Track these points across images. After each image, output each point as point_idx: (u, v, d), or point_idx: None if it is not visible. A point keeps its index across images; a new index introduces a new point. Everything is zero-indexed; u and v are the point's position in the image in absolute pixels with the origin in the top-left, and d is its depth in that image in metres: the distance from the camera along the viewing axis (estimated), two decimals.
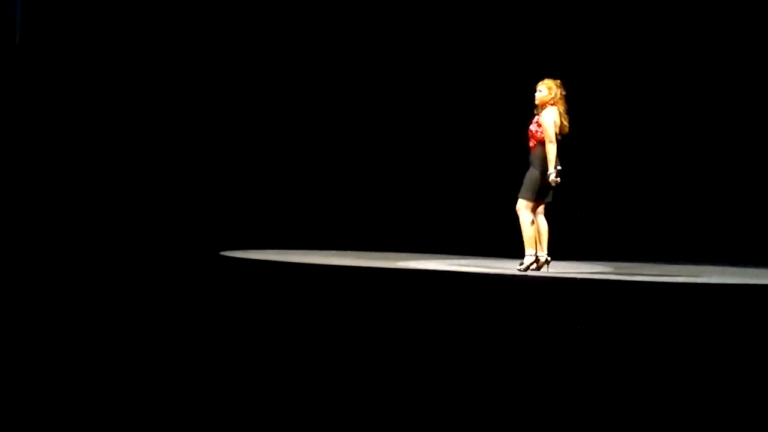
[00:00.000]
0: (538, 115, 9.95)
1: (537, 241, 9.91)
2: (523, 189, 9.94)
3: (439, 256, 12.02)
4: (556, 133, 9.88)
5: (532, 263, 9.85)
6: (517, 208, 9.98)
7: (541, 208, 10.05)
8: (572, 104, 10.21)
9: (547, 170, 9.79)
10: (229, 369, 5.05)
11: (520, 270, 9.83)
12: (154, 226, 13.39)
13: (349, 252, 12.01)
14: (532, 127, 9.96)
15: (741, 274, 10.76)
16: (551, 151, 9.79)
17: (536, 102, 9.98)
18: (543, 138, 9.84)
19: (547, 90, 9.94)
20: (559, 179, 9.83)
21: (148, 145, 14.14)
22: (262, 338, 5.96)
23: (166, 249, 12.03)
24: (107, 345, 5.56)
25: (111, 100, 14.19)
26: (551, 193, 10.00)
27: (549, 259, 9.88)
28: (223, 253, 11.25)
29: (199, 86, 14.26)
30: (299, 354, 5.49)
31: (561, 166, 9.90)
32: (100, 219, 13.48)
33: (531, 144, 9.98)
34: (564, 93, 10.00)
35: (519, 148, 10.58)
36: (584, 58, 13.52)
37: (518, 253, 10.62)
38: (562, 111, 9.94)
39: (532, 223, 9.89)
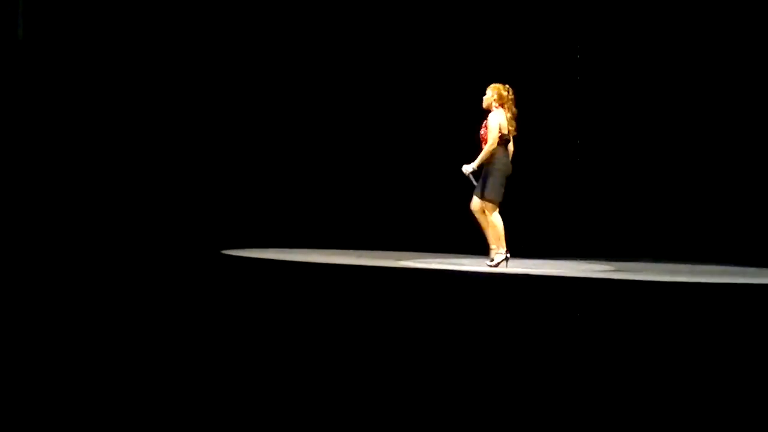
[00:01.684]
0: (486, 117, 10.27)
1: (495, 238, 10.22)
2: (488, 190, 10.22)
3: (440, 255, 12.03)
4: (503, 135, 10.21)
5: (504, 259, 10.15)
6: (473, 208, 10.33)
7: (488, 206, 10.31)
8: (571, 105, 10.25)
9: (500, 169, 10.16)
10: (231, 367, 5.06)
11: (490, 266, 10.12)
12: (155, 225, 13.40)
13: (350, 251, 12.01)
14: (483, 132, 10.27)
15: (741, 274, 10.76)
16: (486, 150, 10.12)
17: (483, 105, 10.31)
18: (487, 140, 10.18)
19: (493, 93, 10.28)
20: (470, 175, 10.19)
21: (150, 143, 14.14)
22: (263, 336, 5.97)
23: (168, 247, 12.03)
24: (109, 343, 5.58)
25: (113, 97, 14.19)
26: (503, 192, 10.28)
27: (508, 256, 10.20)
28: (224, 251, 11.26)
29: (201, 84, 14.26)
30: (300, 352, 5.50)
31: (512, 167, 10.31)
32: (102, 217, 13.49)
33: (483, 147, 10.26)
34: (512, 97, 10.32)
35: (518, 148, 10.63)
36: (593, 60, 13.54)
37: (519, 252, 10.65)
38: (509, 116, 10.27)
39: (489, 221, 10.23)
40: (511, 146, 10.45)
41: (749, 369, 5.33)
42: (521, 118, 10.62)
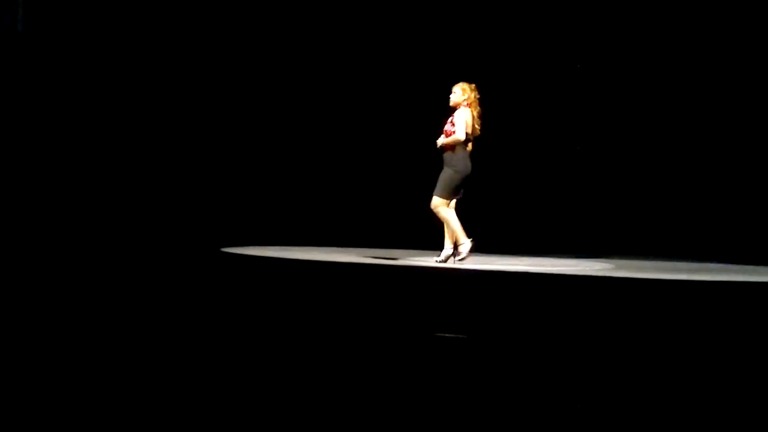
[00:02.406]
0: (452, 115, 10.39)
1: (451, 233, 10.35)
2: (440, 188, 10.34)
3: (439, 252, 12.03)
4: (467, 133, 10.31)
5: (450, 255, 10.32)
6: (433, 207, 10.38)
7: (452, 204, 10.43)
8: (572, 103, 10.26)
9: (458, 170, 10.28)
10: (231, 365, 5.06)
11: (438, 261, 10.32)
12: (155, 223, 13.40)
13: (350, 248, 12.02)
14: (447, 128, 10.36)
15: (740, 272, 10.76)
16: (450, 140, 10.24)
17: (450, 104, 10.41)
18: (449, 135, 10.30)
19: (461, 92, 10.40)
20: (439, 142, 10.29)
21: (150, 142, 14.15)
22: (263, 334, 5.97)
23: (168, 245, 12.04)
24: (109, 342, 5.58)
25: (113, 94, 14.19)
26: (462, 190, 10.41)
27: (456, 252, 10.34)
28: (224, 249, 11.27)
29: (201, 84, 14.27)
30: (300, 350, 5.50)
31: (471, 166, 10.36)
32: (101, 215, 13.49)
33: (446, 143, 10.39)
34: (478, 96, 10.46)
35: (515, 148, 10.64)
36: (594, 60, 13.55)
37: (519, 251, 10.66)
38: (475, 114, 10.39)
39: (442, 217, 10.35)
40: (469, 146, 10.52)
41: (749, 367, 5.34)
42: (519, 117, 10.66)
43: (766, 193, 13.07)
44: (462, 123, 10.26)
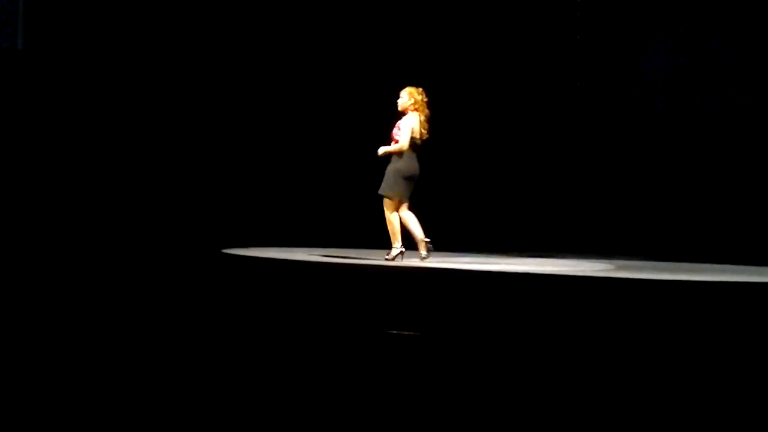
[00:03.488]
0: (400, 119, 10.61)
1: (392, 233, 10.59)
2: (384, 188, 10.56)
3: (439, 253, 12.05)
4: (414, 138, 10.47)
5: (398, 254, 10.53)
6: (384, 204, 10.62)
7: (405, 203, 10.68)
8: (571, 103, 10.26)
9: (403, 171, 10.49)
10: (230, 366, 5.07)
11: (387, 260, 10.49)
12: (156, 224, 13.41)
13: (351, 250, 12.02)
14: (394, 132, 10.55)
15: (741, 272, 10.77)
16: (395, 147, 10.44)
17: (399, 108, 10.59)
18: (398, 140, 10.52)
19: (407, 96, 10.57)
20: (380, 151, 10.49)
21: (151, 144, 14.16)
22: (263, 336, 5.98)
23: (169, 246, 12.05)
24: (109, 343, 5.59)
25: (113, 100, 14.22)
26: (403, 191, 10.64)
27: (403, 251, 10.61)
28: (225, 250, 11.27)
29: (201, 87, 14.28)
30: (300, 352, 5.51)
31: (419, 170, 10.58)
32: (103, 217, 13.51)
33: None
34: (426, 100, 10.62)
35: (518, 146, 10.64)
36: (594, 60, 13.55)
37: (519, 251, 10.66)
38: (423, 118, 10.54)
39: (386, 217, 10.61)
40: (417, 148, 10.69)
41: (749, 367, 5.34)
42: (519, 117, 10.64)
43: (766, 193, 13.08)
44: (408, 129, 10.42)
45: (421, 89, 10.60)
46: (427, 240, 10.51)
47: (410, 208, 10.70)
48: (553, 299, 8.13)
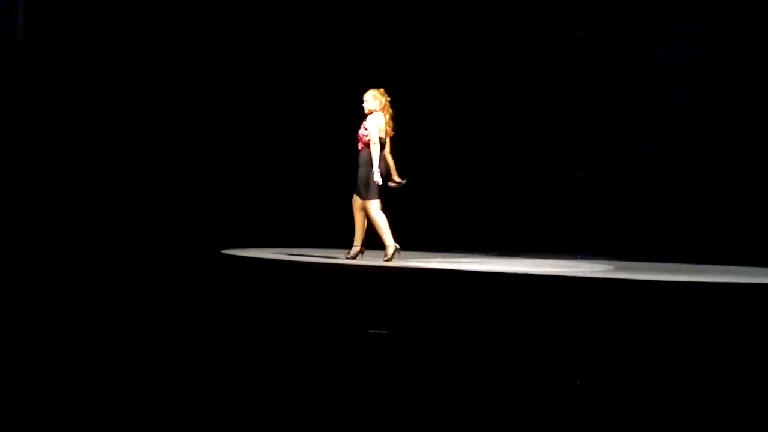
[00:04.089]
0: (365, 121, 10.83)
1: (363, 236, 10.84)
2: (364, 190, 10.75)
3: (439, 254, 12.05)
4: (381, 137, 10.75)
5: (394, 252, 10.59)
6: (366, 209, 10.75)
7: (361, 203, 10.82)
8: (570, 103, 10.25)
9: (376, 171, 10.65)
10: (229, 367, 5.07)
11: (386, 260, 10.56)
12: (156, 225, 13.40)
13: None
14: (361, 132, 10.80)
15: (741, 273, 10.76)
16: (374, 152, 10.62)
17: (365, 111, 10.83)
18: (366, 141, 10.74)
19: (372, 98, 10.83)
20: (380, 180, 10.63)
21: (150, 144, 14.16)
22: (262, 336, 5.97)
23: (168, 247, 12.04)
24: (109, 343, 5.58)
25: (113, 98, 14.20)
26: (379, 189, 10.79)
27: (398, 247, 10.63)
28: (224, 251, 11.27)
29: (201, 85, 14.27)
30: (299, 352, 5.51)
31: (387, 167, 10.78)
32: (102, 217, 13.50)
33: (360, 147, 10.81)
34: (389, 99, 10.88)
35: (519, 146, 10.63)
36: (595, 58, 13.56)
37: (518, 252, 10.63)
38: (387, 118, 10.82)
39: (372, 219, 10.73)
40: (387, 147, 10.91)
41: (749, 368, 5.34)
42: (519, 117, 10.63)
43: (766, 194, 13.06)
44: (375, 129, 10.70)
45: (382, 90, 10.88)
46: (398, 246, 10.67)
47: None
48: (552, 300, 8.13)
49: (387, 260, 10.54)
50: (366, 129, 10.74)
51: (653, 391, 4.76)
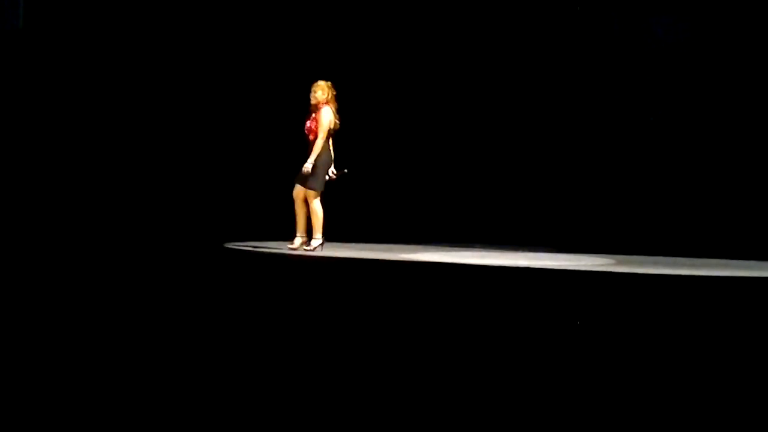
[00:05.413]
0: (314, 113, 11.07)
1: (305, 226, 11.10)
2: (310, 181, 11.03)
3: (440, 246, 12.06)
4: (330, 129, 11.08)
5: (320, 245, 10.96)
6: (309, 199, 11.04)
7: (304, 193, 11.10)
8: (574, 100, 10.25)
9: (324, 162, 11.02)
10: (231, 361, 5.08)
11: (308, 250, 10.88)
12: (159, 219, 13.41)
13: (350, 243, 12.03)
14: (311, 124, 11.07)
15: (741, 267, 10.77)
16: (318, 145, 10.97)
17: (313, 102, 11.09)
18: (317, 134, 11.02)
19: (321, 91, 11.09)
20: (310, 169, 10.98)
21: (153, 137, 14.16)
22: (265, 330, 5.99)
23: (171, 241, 12.05)
24: (112, 337, 5.60)
25: (115, 91, 14.20)
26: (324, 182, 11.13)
27: (324, 241, 11.02)
28: (227, 244, 11.28)
29: (203, 80, 14.27)
30: (301, 345, 5.52)
31: (334, 156, 11.14)
32: (104, 212, 13.50)
33: (311, 138, 11.07)
34: (335, 93, 11.16)
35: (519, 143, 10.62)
36: (593, 57, 13.56)
37: (520, 246, 10.62)
38: (334, 110, 11.13)
39: (311, 209, 11.05)
40: (330, 140, 11.23)
41: (750, 362, 5.36)
42: (518, 115, 10.62)
43: (766, 187, 13.07)
44: (326, 124, 11.02)
45: (330, 83, 11.12)
46: (323, 242, 11.00)
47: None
48: (554, 294, 8.14)
49: (310, 250, 10.85)
50: (316, 121, 11.03)
51: (655, 384, 4.79)
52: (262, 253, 10.87)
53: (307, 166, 10.97)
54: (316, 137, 11.04)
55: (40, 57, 14.14)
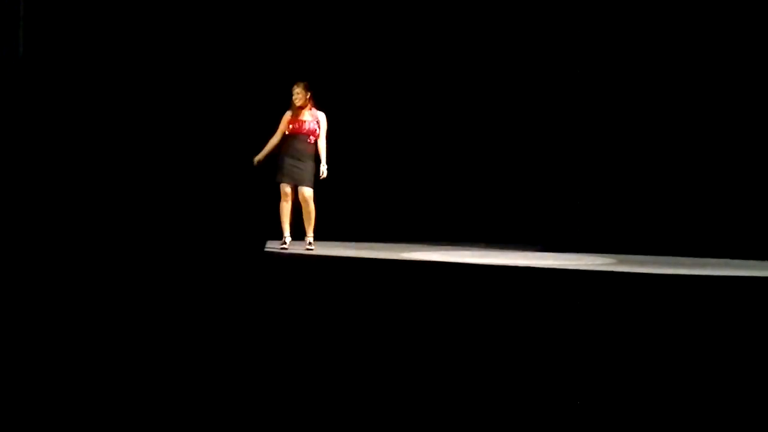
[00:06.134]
0: (301, 113, 11.24)
1: (311, 224, 11.21)
2: (312, 181, 11.19)
3: (440, 245, 12.06)
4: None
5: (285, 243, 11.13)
6: (307, 198, 11.18)
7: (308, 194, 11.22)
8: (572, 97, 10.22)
9: (314, 162, 11.17)
10: (232, 361, 5.09)
11: (309, 249, 11.04)
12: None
13: (350, 242, 12.03)
14: (312, 126, 11.23)
15: (742, 266, 10.77)
16: (323, 148, 11.19)
17: (299, 104, 11.27)
18: (318, 135, 11.22)
19: (305, 92, 11.30)
20: (326, 174, 11.16)
21: (154, 148, 14.09)
22: (264, 329, 5.99)
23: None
24: (113, 337, 5.60)
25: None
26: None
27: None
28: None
29: (206, 88, 14.21)
30: (301, 345, 5.53)
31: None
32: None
33: (311, 140, 11.22)
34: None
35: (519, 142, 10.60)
36: (597, 55, 13.56)
37: (520, 245, 10.63)
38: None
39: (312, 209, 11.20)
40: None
41: (750, 361, 5.36)
42: (519, 114, 10.62)
43: (766, 187, 13.06)
44: (325, 125, 11.24)
45: (307, 83, 11.34)
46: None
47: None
48: (555, 293, 8.14)
49: (284, 246, 11.00)
50: (317, 124, 11.19)
51: (656, 383, 4.79)
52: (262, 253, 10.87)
53: (324, 170, 11.11)
54: (316, 139, 11.19)
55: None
